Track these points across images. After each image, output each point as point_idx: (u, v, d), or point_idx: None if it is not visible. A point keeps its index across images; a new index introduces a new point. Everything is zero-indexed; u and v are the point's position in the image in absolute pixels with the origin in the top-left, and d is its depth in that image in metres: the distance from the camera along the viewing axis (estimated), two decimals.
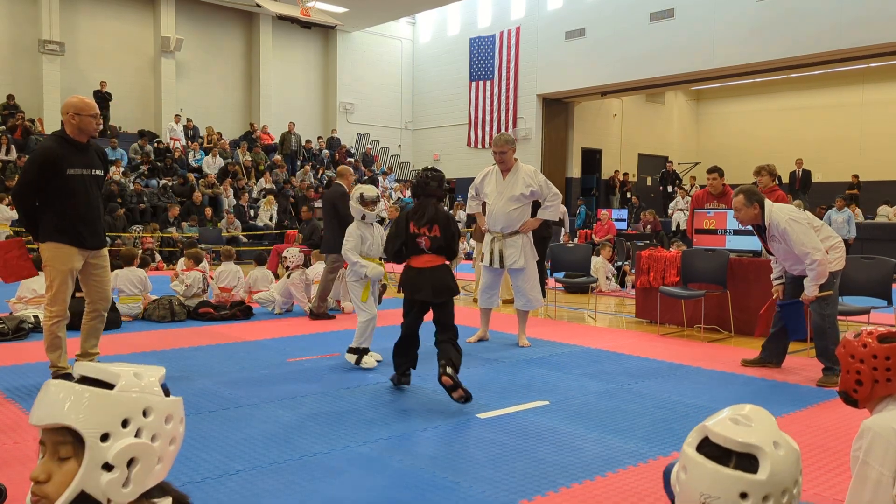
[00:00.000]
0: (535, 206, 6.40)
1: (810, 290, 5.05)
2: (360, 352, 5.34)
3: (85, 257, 4.61)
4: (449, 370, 4.16)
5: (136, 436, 1.36)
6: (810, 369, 5.41)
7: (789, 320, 5.28)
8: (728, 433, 1.56)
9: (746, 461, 1.55)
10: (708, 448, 1.60)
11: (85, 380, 1.39)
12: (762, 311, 5.68)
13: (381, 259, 5.43)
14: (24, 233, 4.65)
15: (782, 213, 5.04)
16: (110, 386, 1.37)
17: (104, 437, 1.32)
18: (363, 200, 5.34)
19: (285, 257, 8.39)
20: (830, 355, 5.05)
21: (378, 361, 5.39)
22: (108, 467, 1.32)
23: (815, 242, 4.96)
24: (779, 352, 5.52)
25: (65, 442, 1.33)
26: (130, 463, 1.35)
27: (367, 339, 5.34)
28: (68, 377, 1.43)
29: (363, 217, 5.36)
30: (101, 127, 5.70)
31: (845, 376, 2.21)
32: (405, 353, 4.59)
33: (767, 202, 5.13)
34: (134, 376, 1.40)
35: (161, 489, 1.49)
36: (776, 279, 5.49)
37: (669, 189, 18.81)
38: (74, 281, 4.62)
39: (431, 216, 4.44)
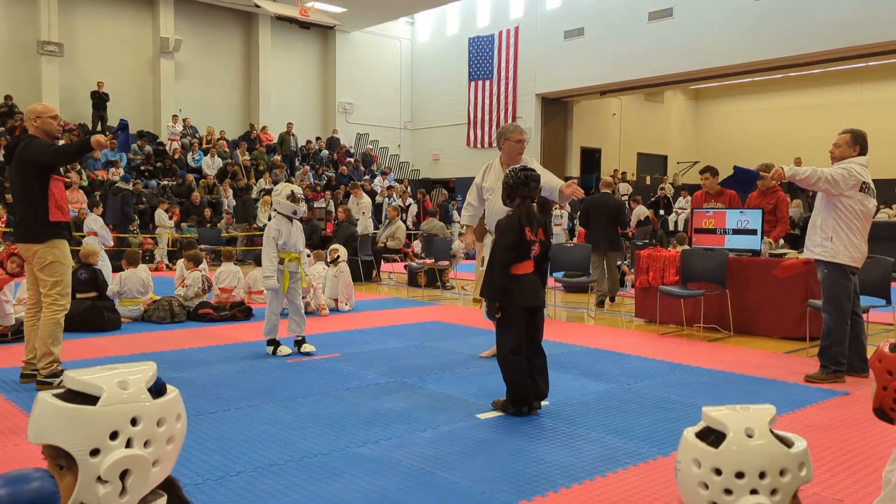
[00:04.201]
0: (542, 206, 6.04)
1: (788, 170, 4.96)
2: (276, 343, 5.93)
3: None
4: (535, 403, 4.11)
5: (128, 446, 1.35)
6: (810, 369, 5.41)
7: (737, 179, 5.30)
8: (710, 412, 1.69)
9: (722, 439, 1.66)
10: (702, 430, 1.74)
11: (71, 394, 1.38)
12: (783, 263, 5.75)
13: (298, 253, 5.93)
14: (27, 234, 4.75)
15: (856, 161, 5.01)
16: (96, 399, 1.36)
17: (94, 453, 1.32)
18: (294, 197, 5.79)
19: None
20: (830, 357, 5.02)
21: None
22: (102, 480, 1.33)
23: (840, 178, 4.88)
24: (859, 358, 5.18)
25: (59, 456, 1.35)
26: (124, 474, 1.35)
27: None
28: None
29: (294, 213, 5.84)
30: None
31: (882, 393, 1.96)
32: (528, 380, 4.06)
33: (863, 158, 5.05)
34: (118, 385, 1.38)
35: (168, 487, 1.49)
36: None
37: (662, 213, 18.62)
38: None
39: (539, 220, 4.07)
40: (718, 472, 1.62)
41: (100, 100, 18.36)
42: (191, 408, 4.19)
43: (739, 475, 1.62)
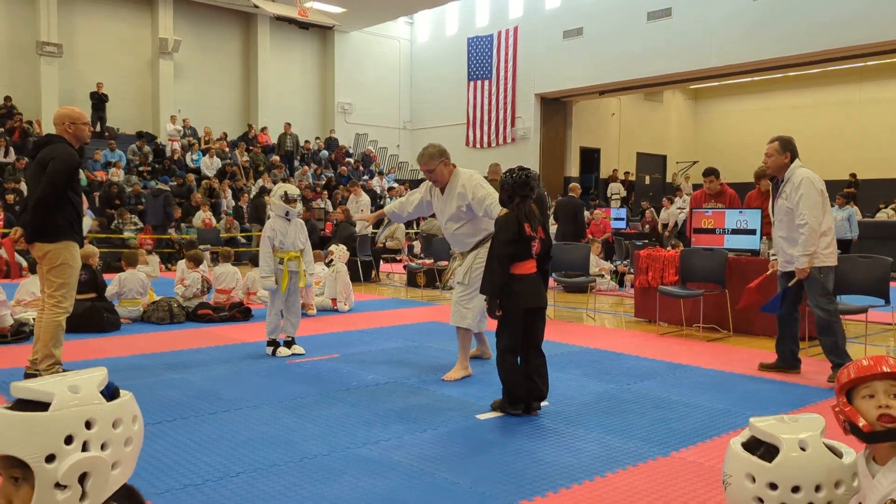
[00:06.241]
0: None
1: (801, 262, 4.95)
2: (276, 343, 5.93)
3: None
4: (535, 404, 4.10)
5: (84, 449, 1.33)
6: (808, 367, 5.42)
7: (774, 305, 5.30)
8: (761, 426, 1.65)
9: (773, 452, 1.61)
10: (748, 441, 1.68)
11: (22, 403, 1.35)
12: (750, 286, 5.70)
13: (298, 251, 5.90)
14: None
15: (804, 171, 5.01)
16: (47, 405, 1.33)
17: (49, 459, 1.30)
18: (287, 198, 5.83)
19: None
20: (840, 352, 4.99)
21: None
22: (60, 486, 1.30)
23: (815, 210, 4.90)
24: (792, 356, 5.35)
25: (13, 466, 1.32)
26: (83, 478, 1.32)
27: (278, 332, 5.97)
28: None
29: (287, 213, 5.86)
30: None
31: None
32: (522, 379, 4.06)
33: (798, 160, 5.10)
34: (69, 390, 1.35)
35: (127, 495, 1.47)
36: (773, 255, 5.44)
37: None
38: None
39: (539, 218, 4.06)
40: (774, 486, 1.57)
41: (99, 101, 18.36)
42: (190, 408, 4.19)
43: (796, 489, 1.57)
